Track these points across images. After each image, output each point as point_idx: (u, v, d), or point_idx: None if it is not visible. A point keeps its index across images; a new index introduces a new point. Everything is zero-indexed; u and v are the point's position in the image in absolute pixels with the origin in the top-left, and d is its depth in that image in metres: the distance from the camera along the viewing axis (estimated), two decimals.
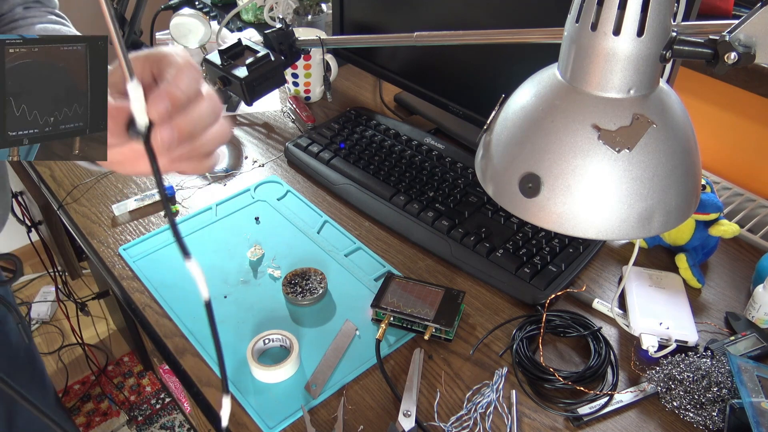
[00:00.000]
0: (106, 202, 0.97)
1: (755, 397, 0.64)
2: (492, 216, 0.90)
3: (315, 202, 0.97)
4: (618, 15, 0.41)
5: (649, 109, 0.44)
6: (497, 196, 0.49)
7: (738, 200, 0.97)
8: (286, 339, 0.74)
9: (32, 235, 1.83)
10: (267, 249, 0.88)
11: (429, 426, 0.67)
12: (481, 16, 0.93)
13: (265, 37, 1.05)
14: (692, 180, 0.46)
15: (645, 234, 0.45)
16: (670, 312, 0.77)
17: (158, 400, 1.84)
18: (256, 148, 1.10)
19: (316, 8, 1.35)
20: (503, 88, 0.55)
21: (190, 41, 1.21)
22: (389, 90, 1.26)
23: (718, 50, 0.42)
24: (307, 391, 0.70)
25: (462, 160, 1.00)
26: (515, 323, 0.78)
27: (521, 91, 0.49)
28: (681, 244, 0.85)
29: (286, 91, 1.26)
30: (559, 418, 0.68)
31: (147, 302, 0.81)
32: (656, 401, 0.70)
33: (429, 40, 0.88)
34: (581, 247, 0.85)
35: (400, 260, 0.87)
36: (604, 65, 0.43)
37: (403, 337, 0.76)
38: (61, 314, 1.97)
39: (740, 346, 0.73)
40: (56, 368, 1.92)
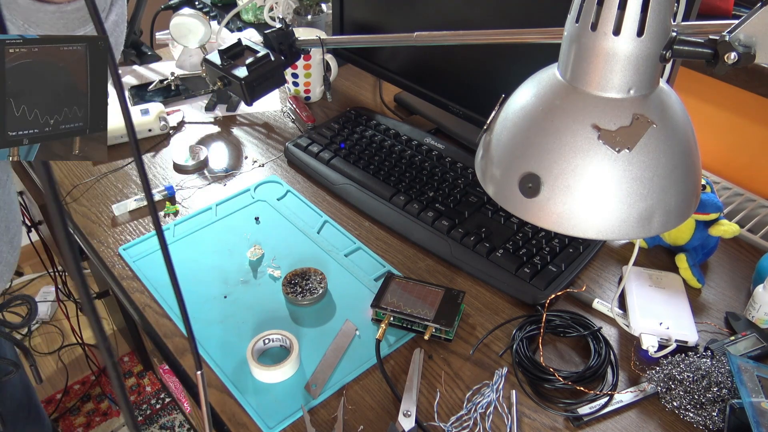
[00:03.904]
0: (106, 202, 0.97)
1: (755, 397, 0.64)
2: (492, 216, 0.90)
3: (315, 202, 0.97)
4: (618, 15, 0.41)
5: (649, 109, 0.44)
6: (497, 196, 0.49)
7: (738, 200, 0.97)
8: (286, 339, 0.74)
9: (32, 235, 1.83)
10: (267, 249, 0.88)
11: (429, 426, 0.67)
12: (481, 16, 0.93)
13: (265, 37, 1.05)
14: (692, 180, 0.46)
15: (645, 234, 0.45)
16: (670, 312, 0.77)
17: (158, 400, 1.84)
18: (256, 148, 1.10)
19: (316, 8, 1.35)
20: (503, 88, 0.55)
21: (190, 41, 1.21)
22: (389, 90, 1.26)
23: (718, 50, 0.42)
24: (307, 391, 0.70)
25: (462, 160, 1.00)
26: (515, 323, 0.78)
27: (521, 91, 0.49)
28: (681, 244, 0.85)
29: (286, 91, 1.26)
30: (559, 418, 0.68)
31: (147, 302, 0.81)
32: (656, 401, 0.70)
33: (429, 40, 0.88)
34: (581, 247, 0.85)
35: (400, 260, 0.87)
36: (604, 65, 0.43)
37: (403, 337, 0.76)
38: (61, 314, 1.97)
39: (740, 346, 0.73)
40: (56, 368, 1.92)
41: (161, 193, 0.97)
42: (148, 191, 0.37)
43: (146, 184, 0.36)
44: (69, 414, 1.80)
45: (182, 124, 1.16)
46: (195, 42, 1.21)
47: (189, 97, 1.24)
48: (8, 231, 0.74)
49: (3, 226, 0.73)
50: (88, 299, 0.29)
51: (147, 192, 0.37)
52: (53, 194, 0.26)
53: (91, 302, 0.29)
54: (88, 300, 0.29)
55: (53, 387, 1.87)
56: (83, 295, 0.28)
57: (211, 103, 1.21)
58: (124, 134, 1.09)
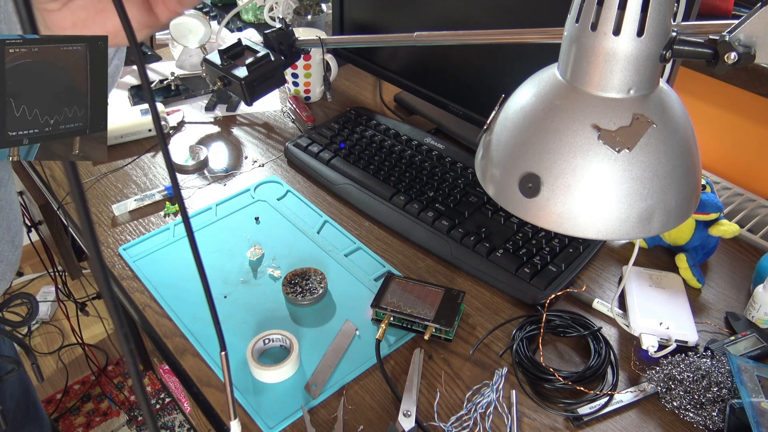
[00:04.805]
0: (106, 202, 0.97)
1: (755, 397, 0.64)
2: (492, 216, 0.90)
3: (315, 202, 0.97)
4: (618, 15, 0.41)
5: (649, 109, 0.44)
6: (497, 196, 0.49)
7: (738, 200, 0.97)
8: (286, 339, 0.74)
9: (32, 235, 1.83)
10: (267, 249, 0.88)
11: (429, 426, 0.67)
12: (481, 16, 0.93)
13: (265, 37, 1.05)
14: (692, 180, 0.46)
15: (645, 234, 0.45)
16: (670, 312, 0.77)
17: (158, 400, 1.84)
18: (256, 148, 1.10)
19: (316, 8, 1.35)
20: (503, 88, 0.55)
21: (190, 41, 1.21)
22: (389, 90, 1.26)
23: (718, 50, 0.42)
24: (307, 391, 0.70)
25: (462, 160, 1.00)
26: (515, 323, 0.78)
27: (521, 91, 0.49)
28: (681, 244, 0.85)
29: (286, 91, 1.26)
30: (559, 418, 0.68)
31: (147, 302, 0.81)
32: (656, 401, 0.70)
33: (429, 40, 0.88)
34: (581, 247, 0.85)
35: (400, 260, 0.87)
36: (604, 65, 0.43)
37: (403, 337, 0.76)
38: (61, 314, 1.97)
39: (740, 346, 0.73)
40: (56, 368, 1.92)
41: (161, 193, 0.97)
42: (174, 180, 0.36)
43: (173, 174, 0.36)
44: (69, 414, 1.80)
45: (182, 124, 1.16)
46: (195, 42, 1.21)
47: (189, 97, 1.24)
48: (9, 230, 0.74)
49: (4, 225, 0.73)
50: (107, 286, 0.29)
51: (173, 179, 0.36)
52: (79, 190, 0.27)
53: (110, 288, 0.29)
54: (107, 287, 0.29)
55: (53, 387, 1.87)
56: (103, 284, 0.29)
57: (211, 103, 1.21)
58: (124, 134, 1.09)
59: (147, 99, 0.33)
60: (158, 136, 0.35)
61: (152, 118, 0.34)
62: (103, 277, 0.28)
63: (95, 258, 0.28)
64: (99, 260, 0.28)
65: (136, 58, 0.34)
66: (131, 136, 1.10)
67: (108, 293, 0.29)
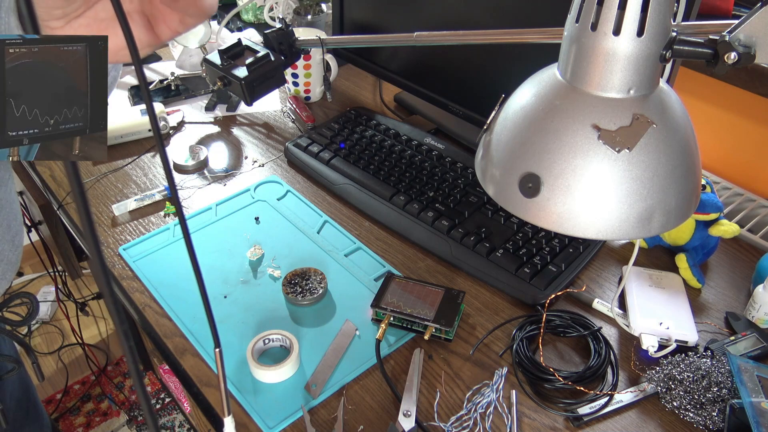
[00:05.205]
0: (106, 202, 0.97)
1: (755, 397, 0.64)
2: (492, 216, 0.90)
3: (315, 202, 0.97)
4: (618, 15, 0.41)
5: (649, 109, 0.44)
6: (497, 196, 0.49)
7: (738, 200, 0.97)
8: (286, 339, 0.74)
9: (32, 235, 1.83)
10: (267, 249, 0.88)
11: (429, 426, 0.67)
12: (481, 16, 0.93)
13: (265, 37, 1.05)
14: (692, 180, 0.46)
15: (645, 234, 0.45)
16: (670, 312, 0.77)
17: (158, 400, 1.84)
18: (256, 148, 1.10)
19: (316, 8, 1.35)
20: (503, 88, 0.55)
21: (190, 41, 1.21)
22: (389, 90, 1.26)
23: (718, 50, 0.42)
24: (307, 391, 0.70)
25: (462, 160, 1.00)
26: (515, 323, 0.78)
27: (521, 91, 0.49)
28: (681, 244, 0.85)
29: (286, 91, 1.26)
30: (559, 418, 0.68)
31: (147, 302, 0.81)
32: (656, 401, 0.70)
33: (429, 40, 0.88)
34: (581, 247, 0.85)
35: (400, 260, 0.87)
36: (604, 65, 0.43)
37: (403, 337, 0.76)
38: (61, 314, 1.97)
39: (740, 346, 0.73)
40: (56, 368, 1.92)
41: (161, 193, 0.97)
42: (172, 181, 0.36)
43: (170, 177, 0.36)
44: (69, 414, 1.80)
45: (182, 124, 1.16)
46: (195, 42, 1.20)
47: (189, 97, 1.24)
48: (10, 230, 0.74)
49: (5, 225, 0.73)
50: (108, 286, 0.29)
51: (171, 182, 0.37)
52: (80, 190, 0.27)
53: (110, 287, 0.29)
54: (107, 285, 0.29)
55: (53, 387, 1.87)
56: (104, 284, 0.29)
57: (211, 103, 1.21)
58: (124, 134, 1.09)
59: (145, 102, 0.33)
60: (156, 140, 0.35)
61: (150, 122, 0.34)
62: (103, 277, 0.28)
63: (96, 258, 0.28)
64: (100, 260, 0.28)
65: (137, 69, 0.34)
66: (131, 136, 1.10)
67: (108, 293, 0.29)
